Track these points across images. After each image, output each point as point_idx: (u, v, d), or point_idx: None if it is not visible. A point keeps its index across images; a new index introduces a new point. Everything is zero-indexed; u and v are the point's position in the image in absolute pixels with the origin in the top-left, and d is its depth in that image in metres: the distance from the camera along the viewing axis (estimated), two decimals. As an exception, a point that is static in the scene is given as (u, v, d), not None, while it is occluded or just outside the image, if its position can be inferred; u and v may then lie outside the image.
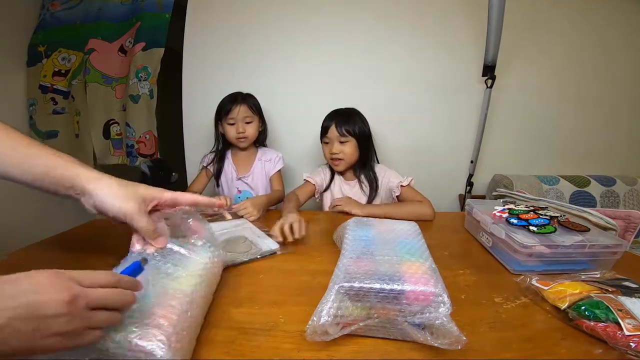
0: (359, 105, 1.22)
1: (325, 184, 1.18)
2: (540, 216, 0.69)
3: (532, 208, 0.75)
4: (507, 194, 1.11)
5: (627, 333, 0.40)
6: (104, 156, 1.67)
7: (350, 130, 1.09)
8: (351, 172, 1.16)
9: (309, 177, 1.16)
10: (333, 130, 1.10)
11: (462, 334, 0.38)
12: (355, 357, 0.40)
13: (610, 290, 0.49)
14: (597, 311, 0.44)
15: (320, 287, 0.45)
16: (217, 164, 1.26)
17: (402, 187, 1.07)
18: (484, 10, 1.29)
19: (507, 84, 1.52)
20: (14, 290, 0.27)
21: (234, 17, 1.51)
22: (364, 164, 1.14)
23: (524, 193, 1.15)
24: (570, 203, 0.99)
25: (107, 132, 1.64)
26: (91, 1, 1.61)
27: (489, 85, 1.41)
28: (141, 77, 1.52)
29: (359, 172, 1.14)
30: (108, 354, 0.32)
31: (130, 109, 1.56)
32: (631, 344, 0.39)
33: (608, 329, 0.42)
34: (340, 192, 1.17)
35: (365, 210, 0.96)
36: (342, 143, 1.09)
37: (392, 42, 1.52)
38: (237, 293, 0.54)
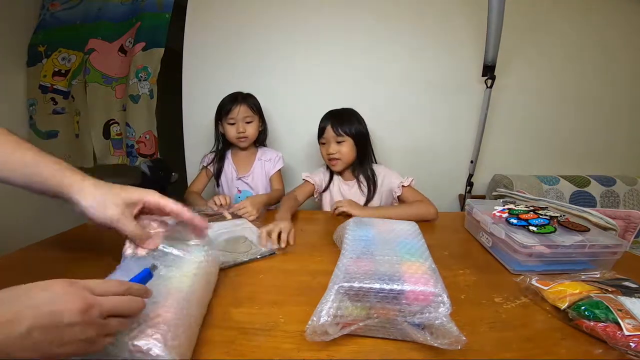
0: (359, 105, 1.22)
1: (324, 184, 1.18)
2: (540, 216, 0.69)
3: (532, 208, 0.75)
4: (507, 194, 1.11)
5: (626, 333, 0.40)
6: (104, 156, 1.67)
7: (347, 130, 1.09)
8: (350, 172, 1.16)
9: (308, 177, 1.17)
10: (329, 130, 1.10)
11: (461, 334, 0.38)
12: (355, 357, 0.40)
13: (610, 290, 0.49)
14: (597, 311, 0.44)
15: (320, 287, 0.45)
16: (217, 163, 1.27)
17: (403, 187, 1.07)
18: (484, 10, 1.29)
19: (507, 84, 1.52)
20: (30, 301, 0.27)
21: (234, 17, 1.51)
22: (362, 164, 1.14)
23: (524, 193, 1.15)
24: (570, 203, 0.99)
25: (107, 132, 1.64)
26: (91, 1, 1.62)
27: (489, 85, 1.41)
28: (141, 77, 1.53)
29: (357, 171, 1.14)
30: (107, 355, 0.32)
31: (130, 109, 1.56)
32: (631, 344, 0.39)
33: (608, 329, 0.42)
34: (339, 192, 1.17)
35: (368, 213, 0.95)
36: (339, 143, 1.09)
37: (392, 42, 1.52)
38: (237, 293, 0.54)
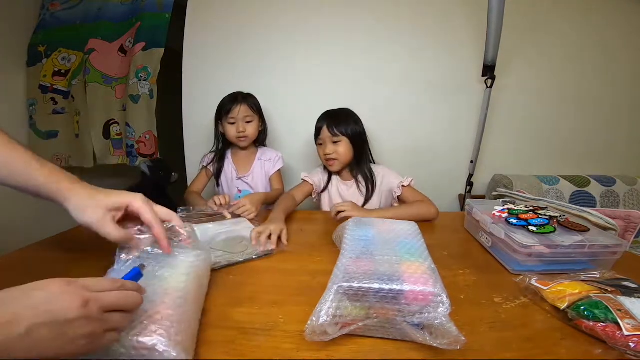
0: (359, 105, 1.22)
1: (323, 185, 1.18)
2: (540, 216, 0.69)
3: (531, 208, 0.75)
4: (507, 194, 1.11)
5: (626, 333, 0.40)
6: (104, 156, 1.67)
7: (342, 130, 1.08)
8: (348, 172, 1.16)
9: (307, 177, 1.16)
10: (325, 131, 1.09)
11: (461, 334, 0.38)
12: (354, 357, 0.40)
13: (609, 290, 0.49)
14: (596, 311, 0.44)
15: (320, 287, 0.45)
16: (217, 163, 1.27)
17: (403, 187, 1.06)
18: (484, 10, 1.29)
19: (507, 84, 1.52)
20: (28, 302, 0.28)
21: (234, 17, 1.51)
22: (359, 163, 1.13)
23: (524, 193, 1.15)
24: (570, 203, 0.99)
25: (107, 132, 1.64)
26: (91, 1, 1.62)
27: (489, 85, 1.41)
28: (141, 77, 1.53)
29: (355, 171, 1.14)
30: (112, 354, 0.33)
31: (130, 109, 1.56)
32: (630, 344, 0.39)
33: (607, 329, 0.42)
34: (337, 192, 1.17)
35: (370, 216, 0.90)
36: (335, 143, 1.09)
37: (392, 42, 1.52)
38: (237, 293, 0.54)
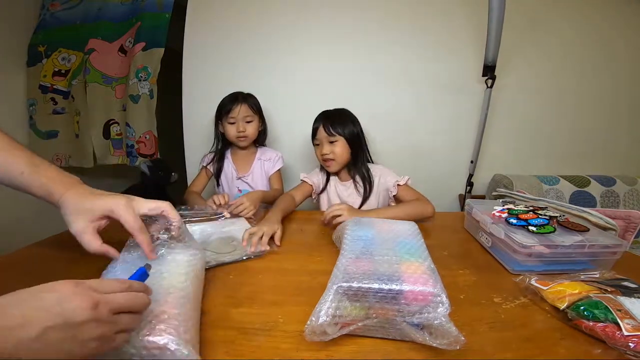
0: (359, 105, 1.22)
1: (321, 185, 1.18)
2: (540, 216, 0.69)
3: (531, 208, 0.75)
4: (507, 194, 1.11)
5: (626, 333, 0.40)
6: (104, 156, 1.67)
7: (339, 130, 1.08)
8: (345, 172, 1.15)
9: (306, 178, 1.16)
10: (321, 131, 1.09)
11: (460, 334, 0.38)
12: (354, 357, 0.40)
13: (609, 290, 0.49)
14: (596, 311, 0.44)
15: (320, 287, 0.45)
16: (217, 163, 1.27)
17: (399, 186, 1.06)
18: (484, 10, 1.29)
19: (507, 84, 1.52)
20: (39, 304, 0.28)
21: (234, 17, 1.51)
22: (356, 163, 1.13)
23: (524, 193, 1.15)
24: (570, 203, 0.99)
25: (107, 132, 1.64)
26: (91, 1, 1.62)
27: (489, 85, 1.41)
28: (141, 77, 1.53)
29: (352, 171, 1.13)
30: (123, 355, 0.33)
31: (130, 109, 1.56)
32: (630, 344, 0.39)
33: (607, 329, 0.42)
34: (336, 193, 1.17)
35: (367, 216, 0.89)
36: (332, 143, 1.09)
37: (392, 42, 1.52)
38: (237, 293, 0.54)
